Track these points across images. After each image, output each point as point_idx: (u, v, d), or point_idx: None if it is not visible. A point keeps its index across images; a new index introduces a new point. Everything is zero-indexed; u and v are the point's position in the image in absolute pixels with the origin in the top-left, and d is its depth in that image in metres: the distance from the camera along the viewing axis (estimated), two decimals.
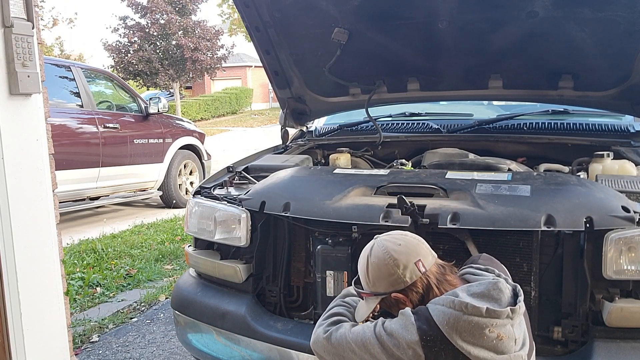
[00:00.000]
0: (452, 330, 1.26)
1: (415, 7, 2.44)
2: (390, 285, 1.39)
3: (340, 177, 2.14)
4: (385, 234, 1.47)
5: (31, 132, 2.21)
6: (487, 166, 2.36)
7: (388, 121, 3.26)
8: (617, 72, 2.46)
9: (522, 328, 1.33)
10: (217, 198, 2.24)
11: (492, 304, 1.28)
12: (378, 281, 1.41)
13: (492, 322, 1.25)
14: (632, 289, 1.67)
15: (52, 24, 22.70)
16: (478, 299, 1.29)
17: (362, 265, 1.45)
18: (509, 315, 1.27)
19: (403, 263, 1.37)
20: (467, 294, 1.30)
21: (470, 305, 1.26)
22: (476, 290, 1.32)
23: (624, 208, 1.67)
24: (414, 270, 1.37)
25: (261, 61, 2.97)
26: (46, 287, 2.30)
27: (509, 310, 1.27)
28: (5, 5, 2.05)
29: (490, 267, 1.47)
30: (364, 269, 1.44)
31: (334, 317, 1.50)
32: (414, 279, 1.37)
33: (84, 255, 4.82)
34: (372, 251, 1.43)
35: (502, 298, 1.31)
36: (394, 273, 1.37)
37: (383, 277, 1.39)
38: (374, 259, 1.41)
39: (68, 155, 5.66)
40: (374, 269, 1.41)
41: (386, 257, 1.38)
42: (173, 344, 3.18)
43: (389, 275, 1.38)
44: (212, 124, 23.73)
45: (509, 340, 1.27)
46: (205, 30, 22.08)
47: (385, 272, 1.38)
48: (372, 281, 1.42)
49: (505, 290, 1.32)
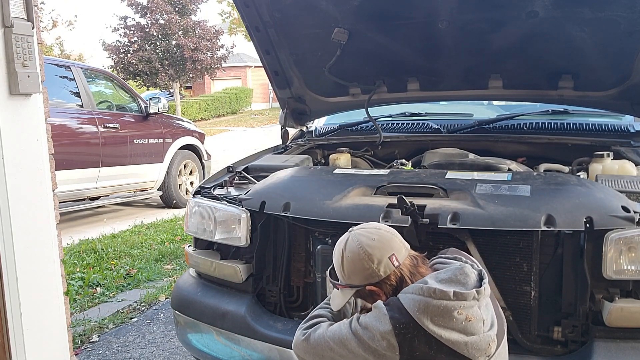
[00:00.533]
0: (423, 315, 1.30)
1: (415, 7, 2.44)
2: (364, 278, 1.42)
3: (340, 177, 2.14)
4: (359, 227, 1.49)
5: (31, 132, 2.21)
6: (487, 166, 2.36)
7: (388, 121, 3.26)
8: (617, 72, 2.46)
9: (490, 310, 1.38)
10: (217, 198, 2.23)
11: (459, 288, 1.33)
12: (353, 274, 1.44)
13: (459, 304, 1.30)
14: (632, 289, 1.67)
15: (51, 26, 22.70)
16: (446, 284, 1.34)
17: (337, 258, 1.47)
18: (475, 297, 1.31)
19: (377, 258, 1.40)
20: (435, 281, 1.35)
21: (438, 290, 1.31)
22: (444, 277, 1.36)
23: (624, 208, 1.67)
24: (388, 264, 1.40)
25: (261, 61, 2.97)
26: (46, 287, 2.30)
27: (475, 292, 1.31)
28: (5, 5, 2.05)
29: (457, 256, 1.51)
30: (339, 262, 1.47)
31: (312, 319, 1.54)
32: (387, 272, 1.40)
33: (84, 255, 4.82)
34: (347, 245, 1.45)
35: (468, 282, 1.36)
36: (368, 268, 1.40)
37: (358, 271, 1.42)
38: (349, 253, 1.43)
39: (68, 155, 5.66)
40: (348, 262, 1.44)
41: (360, 251, 1.41)
42: (173, 344, 3.18)
43: (363, 269, 1.41)
44: (212, 124, 23.73)
45: (477, 321, 1.31)
46: (205, 30, 22.09)
47: (360, 266, 1.41)
48: (347, 274, 1.45)
49: (471, 274, 1.37)
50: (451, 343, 1.29)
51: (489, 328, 1.34)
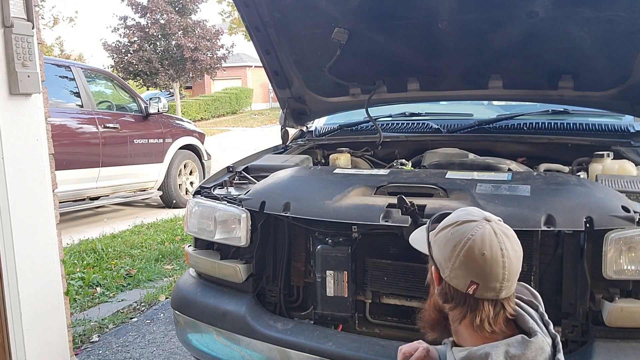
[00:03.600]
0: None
1: (415, 7, 2.44)
2: (439, 261, 1.23)
3: (340, 177, 2.14)
4: (498, 228, 1.22)
5: (31, 132, 2.21)
6: (487, 166, 2.36)
7: (388, 121, 3.26)
8: (617, 72, 2.46)
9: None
10: (217, 198, 2.23)
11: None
12: (438, 246, 1.24)
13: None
14: (632, 289, 1.66)
15: (52, 23, 22.73)
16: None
17: (449, 220, 1.26)
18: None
19: (462, 269, 1.19)
20: (503, 358, 1.14)
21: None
22: (514, 353, 1.14)
23: (624, 208, 1.66)
24: (463, 285, 1.19)
25: (261, 61, 2.97)
26: (46, 287, 2.31)
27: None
28: (5, 5, 2.06)
29: (532, 301, 1.31)
30: (445, 223, 1.25)
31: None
32: (455, 284, 1.20)
33: (84, 255, 4.82)
34: (465, 225, 1.21)
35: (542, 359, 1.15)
36: (448, 261, 1.20)
37: (442, 250, 1.22)
38: (454, 231, 1.21)
39: (68, 155, 5.67)
40: (445, 236, 1.23)
41: (459, 245, 1.19)
42: (173, 344, 3.18)
43: (446, 257, 1.21)
44: (212, 124, 23.73)
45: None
46: (205, 30, 22.09)
47: (447, 252, 1.21)
48: (437, 239, 1.25)
49: (546, 347, 1.16)
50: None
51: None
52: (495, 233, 1.20)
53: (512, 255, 1.20)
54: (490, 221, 1.22)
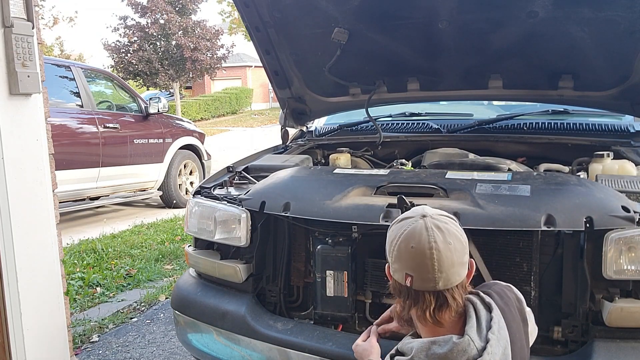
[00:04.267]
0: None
1: (415, 7, 2.44)
2: (387, 252, 1.32)
3: (340, 177, 2.13)
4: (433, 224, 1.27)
5: (31, 132, 2.21)
6: (487, 166, 2.36)
7: (388, 121, 3.26)
8: (617, 72, 2.46)
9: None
10: (217, 198, 2.23)
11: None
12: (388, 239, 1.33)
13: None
14: (632, 289, 1.66)
15: (52, 22, 22.73)
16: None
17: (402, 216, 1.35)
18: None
19: (398, 260, 1.27)
20: (425, 356, 1.20)
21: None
22: (437, 352, 1.20)
23: (624, 208, 1.66)
24: (401, 276, 1.27)
25: (261, 61, 2.97)
26: (46, 287, 2.31)
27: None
28: (5, 5, 2.06)
29: (491, 302, 1.32)
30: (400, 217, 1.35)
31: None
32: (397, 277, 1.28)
33: (84, 255, 4.82)
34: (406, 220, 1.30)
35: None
36: (389, 254, 1.30)
37: (388, 243, 1.32)
38: (397, 225, 1.31)
39: (68, 155, 5.67)
40: (393, 228, 1.33)
41: (395, 239, 1.29)
42: (173, 344, 3.18)
43: (388, 250, 1.32)
44: (212, 124, 23.73)
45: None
46: (205, 30, 22.09)
47: (388, 245, 1.31)
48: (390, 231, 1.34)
49: (470, 350, 1.19)
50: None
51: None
52: (426, 227, 1.26)
53: (443, 247, 1.24)
54: (425, 216, 1.28)
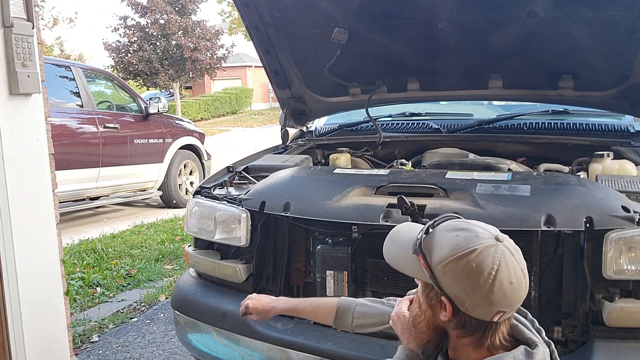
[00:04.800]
0: None
1: (415, 7, 2.44)
2: (455, 294, 1.09)
3: (340, 177, 2.14)
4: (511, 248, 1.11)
5: (31, 132, 2.21)
6: (487, 166, 2.36)
7: (388, 121, 3.26)
8: (617, 72, 2.46)
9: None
10: (217, 198, 2.24)
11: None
12: (451, 278, 1.09)
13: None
14: (632, 289, 1.66)
15: (52, 23, 22.74)
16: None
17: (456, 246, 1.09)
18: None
19: (492, 301, 1.07)
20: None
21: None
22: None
23: (624, 208, 1.66)
24: (490, 314, 1.08)
25: (261, 61, 2.97)
26: (46, 287, 2.31)
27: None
28: (5, 5, 2.05)
29: (528, 316, 1.23)
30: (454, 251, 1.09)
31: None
32: (477, 315, 1.09)
33: (84, 255, 4.82)
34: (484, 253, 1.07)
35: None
36: (473, 295, 1.07)
37: (461, 284, 1.08)
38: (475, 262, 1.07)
39: (68, 155, 5.66)
40: (464, 268, 1.07)
41: (489, 279, 1.06)
42: (173, 344, 3.18)
43: (468, 291, 1.08)
44: (212, 124, 23.73)
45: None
46: (205, 30, 22.09)
47: (470, 286, 1.07)
48: (446, 270, 1.09)
49: (547, 357, 1.11)
50: None
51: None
52: (512, 254, 1.09)
53: (525, 273, 1.10)
54: (502, 241, 1.10)
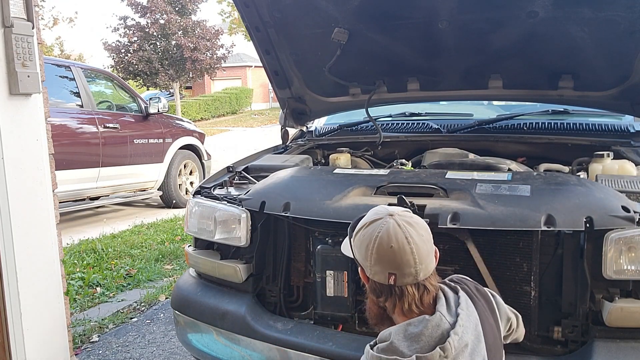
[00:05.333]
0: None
1: (415, 7, 2.44)
2: (361, 260, 1.35)
3: (340, 177, 2.14)
4: (401, 221, 1.31)
5: (31, 132, 2.21)
6: (487, 166, 2.37)
7: (388, 121, 3.26)
8: (617, 72, 2.46)
9: (479, 354, 1.28)
10: (217, 198, 2.24)
11: (425, 345, 1.23)
12: (356, 248, 1.36)
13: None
14: (632, 289, 1.66)
15: (52, 23, 22.74)
16: (412, 341, 1.25)
17: (362, 222, 1.37)
18: (441, 355, 1.21)
19: (378, 264, 1.30)
20: (403, 337, 1.26)
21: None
22: (413, 331, 1.26)
23: (624, 208, 1.67)
24: (384, 277, 1.30)
25: (261, 61, 2.97)
26: (46, 287, 2.31)
27: (439, 351, 1.21)
28: (5, 5, 2.06)
29: (456, 286, 1.40)
30: (360, 225, 1.37)
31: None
32: (379, 279, 1.31)
33: (84, 255, 4.82)
34: (374, 224, 1.32)
35: (436, 334, 1.25)
36: (366, 260, 1.32)
37: (360, 251, 1.34)
38: (365, 232, 1.32)
39: (68, 155, 5.67)
40: (360, 238, 1.34)
41: (371, 244, 1.30)
42: (173, 344, 3.18)
43: (363, 257, 1.33)
44: (212, 124, 23.73)
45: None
46: (205, 30, 22.09)
47: (363, 252, 1.32)
48: (355, 241, 1.37)
49: (443, 324, 1.26)
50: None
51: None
52: (399, 225, 1.31)
53: (418, 240, 1.30)
54: (392, 215, 1.33)
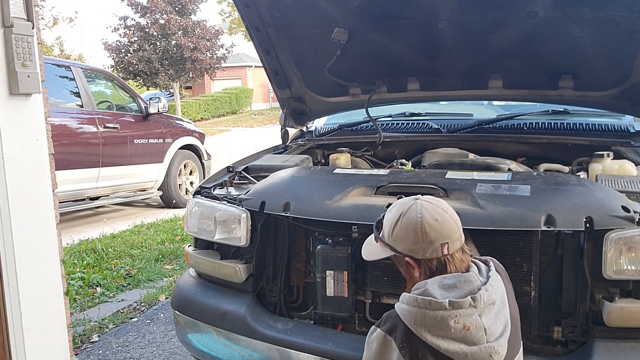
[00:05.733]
0: (421, 327, 1.29)
1: (415, 7, 2.44)
2: (409, 250, 1.40)
3: (340, 177, 2.14)
4: (428, 200, 1.44)
5: (31, 132, 2.21)
6: (487, 166, 2.37)
7: (388, 121, 3.26)
8: (617, 72, 2.46)
9: (502, 317, 1.35)
10: (217, 198, 2.24)
11: (459, 294, 1.32)
12: (400, 240, 1.41)
13: (455, 313, 1.28)
14: (632, 289, 1.67)
15: (52, 23, 22.72)
16: (446, 290, 1.33)
17: (392, 218, 1.44)
18: (471, 304, 1.29)
19: (431, 239, 1.37)
20: (438, 286, 1.34)
21: (433, 301, 1.30)
22: (448, 283, 1.35)
23: (624, 208, 1.67)
24: (437, 249, 1.37)
25: (261, 61, 2.97)
26: (46, 287, 2.30)
27: (470, 299, 1.29)
28: (5, 5, 2.05)
29: (488, 260, 1.49)
30: (392, 222, 1.43)
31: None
32: (433, 256, 1.38)
33: (84, 255, 4.82)
34: (409, 212, 1.41)
35: (469, 288, 1.34)
36: (417, 243, 1.38)
37: (406, 240, 1.40)
38: (406, 221, 1.40)
39: (68, 155, 5.66)
40: (402, 229, 1.41)
41: (418, 226, 1.38)
42: (173, 344, 3.18)
43: (413, 242, 1.39)
44: (212, 124, 23.72)
45: (478, 330, 1.28)
46: (205, 30, 22.08)
47: (412, 237, 1.39)
48: (394, 237, 1.42)
49: (475, 281, 1.36)
50: (450, 353, 1.27)
51: (495, 337, 1.31)
52: (430, 202, 1.44)
53: (449, 209, 1.44)
54: (418, 199, 1.45)
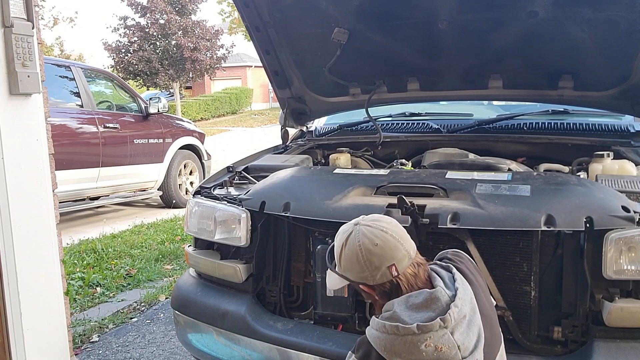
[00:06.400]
0: (391, 354, 1.27)
1: (415, 7, 2.44)
2: (360, 278, 1.39)
3: (340, 177, 2.14)
4: (366, 222, 1.41)
5: (31, 132, 2.21)
6: (487, 166, 2.37)
7: (388, 121, 3.26)
8: (617, 72, 2.46)
9: (474, 328, 1.31)
10: (217, 198, 2.24)
11: (427, 315, 1.28)
12: (348, 270, 1.40)
13: (425, 337, 1.25)
14: (632, 289, 1.67)
15: (52, 23, 22.73)
16: (414, 311, 1.30)
17: (337, 249, 1.43)
18: (441, 326, 1.26)
19: (375, 265, 1.35)
20: (405, 307, 1.32)
21: (400, 327, 1.27)
22: (415, 302, 1.32)
23: (624, 208, 1.67)
24: (386, 273, 1.35)
25: (261, 61, 2.97)
26: (46, 287, 2.31)
27: (440, 321, 1.26)
28: (5, 5, 2.06)
29: (449, 265, 1.46)
30: (338, 253, 1.43)
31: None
32: (383, 280, 1.36)
33: (84, 255, 4.82)
34: (348, 242, 1.39)
35: (438, 306, 1.30)
36: (364, 271, 1.36)
37: (354, 270, 1.39)
38: (348, 251, 1.39)
39: (68, 155, 5.67)
40: (346, 260, 1.39)
41: (360, 255, 1.36)
42: (173, 344, 3.18)
43: (359, 271, 1.37)
44: (212, 124, 23.72)
45: (451, 348, 1.26)
46: (205, 30, 22.08)
47: (357, 267, 1.37)
48: (343, 268, 1.41)
49: (442, 297, 1.32)
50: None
51: (470, 351, 1.28)
52: (369, 225, 1.40)
53: (391, 227, 1.41)
54: (357, 223, 1.42)
